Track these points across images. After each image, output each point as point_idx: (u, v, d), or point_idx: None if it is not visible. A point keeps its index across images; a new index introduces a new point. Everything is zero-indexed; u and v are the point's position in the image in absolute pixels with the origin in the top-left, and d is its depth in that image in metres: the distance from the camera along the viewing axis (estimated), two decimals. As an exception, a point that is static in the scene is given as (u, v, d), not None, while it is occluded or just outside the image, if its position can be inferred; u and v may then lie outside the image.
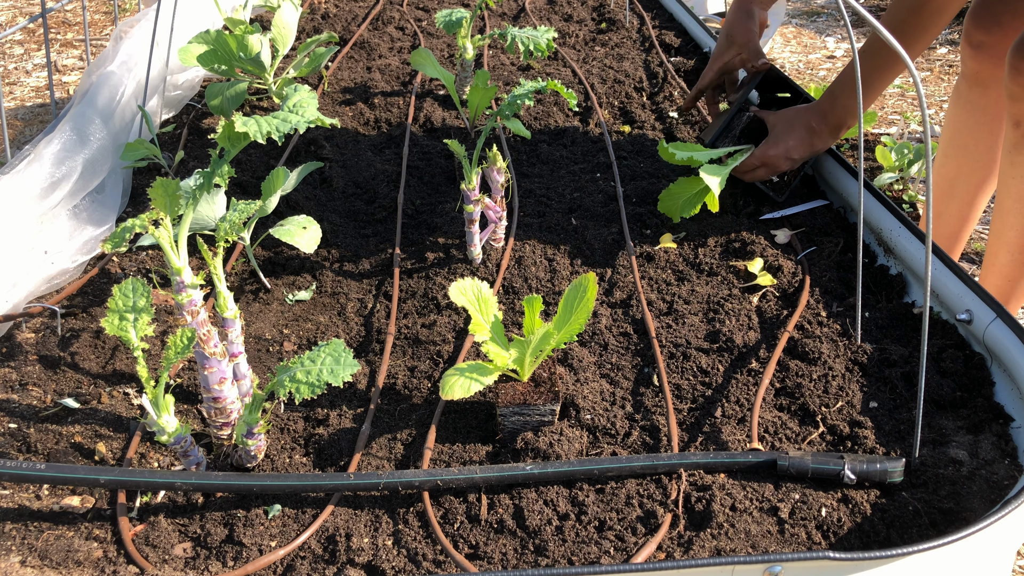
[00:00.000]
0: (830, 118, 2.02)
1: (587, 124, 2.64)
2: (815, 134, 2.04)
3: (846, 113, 2.01)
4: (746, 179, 2.12)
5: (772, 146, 2.05)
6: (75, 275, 1.94)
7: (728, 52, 2.26)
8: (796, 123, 2.06)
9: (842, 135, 2.06)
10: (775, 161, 2.05)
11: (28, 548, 1.28)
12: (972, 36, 2.16)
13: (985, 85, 2.19)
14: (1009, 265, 2.08)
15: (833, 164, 2.17)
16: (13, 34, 4.18)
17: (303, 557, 1.28)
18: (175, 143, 2.49)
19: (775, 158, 2.05)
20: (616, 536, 1.28)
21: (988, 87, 2.19)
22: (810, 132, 2.04)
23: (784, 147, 2.05)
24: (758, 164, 2.07)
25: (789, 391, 1.57)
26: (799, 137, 2.04)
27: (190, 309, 1.33)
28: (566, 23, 3.49)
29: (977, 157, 2.28)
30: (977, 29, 2.14)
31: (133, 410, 1.56)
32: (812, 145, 2.05)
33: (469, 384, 1.40)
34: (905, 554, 1.12)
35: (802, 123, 2.05)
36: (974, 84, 2.22)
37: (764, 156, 2.06)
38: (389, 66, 3.04)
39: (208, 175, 1.36)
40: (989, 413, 1.48)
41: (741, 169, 2.08)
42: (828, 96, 2.02)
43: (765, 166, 2.07)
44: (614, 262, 1.95)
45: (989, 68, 2.16)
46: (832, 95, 2.01)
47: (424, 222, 2.13)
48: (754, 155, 2.06)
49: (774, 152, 2.05)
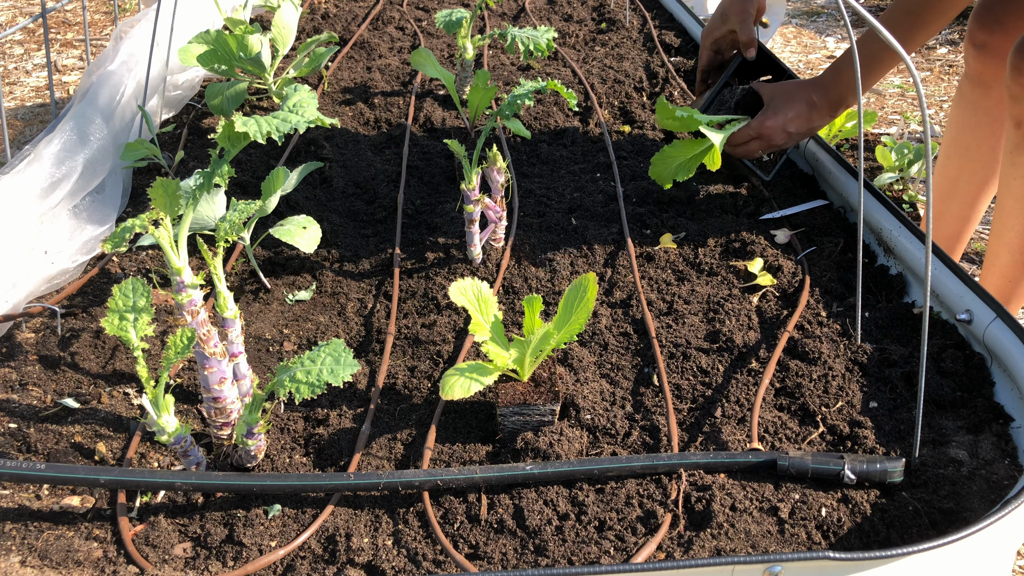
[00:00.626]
0: (831, 93, 1.98)
1: (587, 124, 2.64)
2: (814, 108, 2.00)
3: (847, 89, 1.96)
4: (738, 152, 2.07)
5: (770, 117, 2.00)
6: (75, 275, 1.94)
7: (721, 28, 2.21)
8: (796, 96, 2.01)
9: (840, 113, 2.02)
10: (771, 133, 2.00)
11: (28, 548, 1.28)
12: (975, 37, 2.16)
13: (988, 86, 2.19)
14: (1010, 265, 2.08)
15: (833, 164, 2.17)
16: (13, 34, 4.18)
17: (303, 557, 1.28)
18: (175, 143, 2.49)
19: (772, 129, 2.00)
20: (616, 536, 1.28)
21: (991, 88, 2.19)
22: (810, 106, 2.00)
23: (783, 119, 1.99)
24: (753, 135, 2.01)
25: (789, 391, 1.57)
26: (798, 110, 1.99)
27: (190, 309, 1.33)
28: (566, 23, 3.49)
29: (979, 158, 2.28)
30: (980, 30, 2.14)
31: (133, 410, 1.56)
32: (810, 120, 2.00)
33: (469, 384, 1.40)
34: (905, 554, 1.12)
35: (802, 96, 2.00)
36: (977, 85, 2.22)
37: (760, 127, 2.00)
38: (389, 66, 3.04)
39: (208, 175, 1.36)
40: (989, 413, 1.48)
41: (735, 140, 2.03)
42: (832, 70, 1.98)
43: (760, 138, 2.01)
44: (614, 262, 1.95)
45: (992, 69, 2.15)
46: (836, 70, 1.97)
47: (424, 222, 2.13)
48: (750, 126, 2.01)
49: (771, 123, 1.99)
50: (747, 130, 2.02)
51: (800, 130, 2.02)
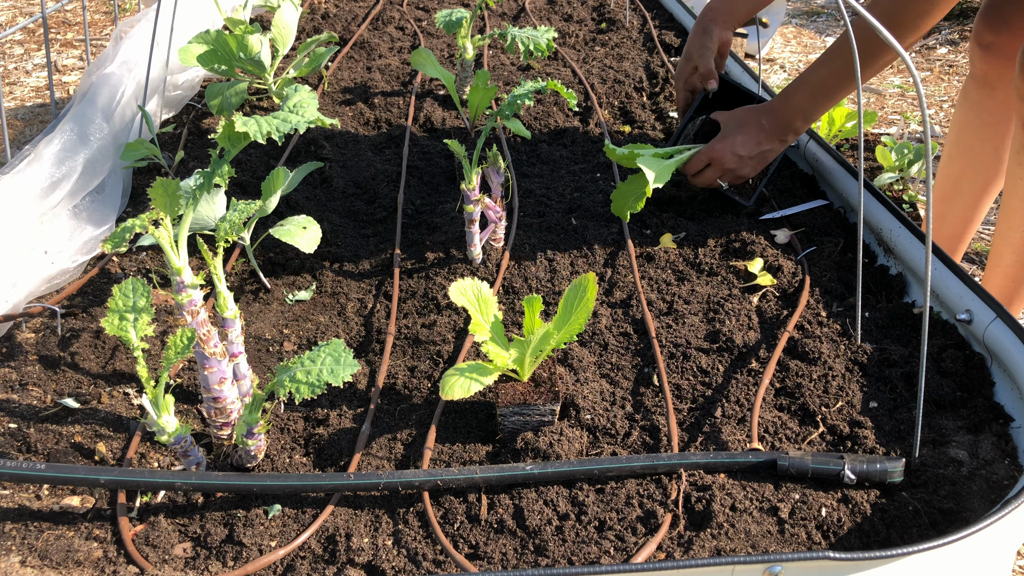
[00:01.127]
0: (779, 116, 1.97)
1: (587, 124, 2.64)
2: (763, 130, 1.99)
3: (796, 114, 1.95)
4: (697, 182, 2.06)
5: (718, 140, 2.00)
6: (75, 275, 1.94)
7: (687, 67, 2.22)
8: (746, 120, 2.01)
9: (791, 139, 2.01)
10: (721, 156, 2.00)
11: (28, 548, 1.28)
12: (982, 37, 2.15)
13: (993, 86, 2.18)
14: (1014, 266, 2.08)
15: (833, 164, 2.17)
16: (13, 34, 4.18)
17: (303, 557, 1.28)
18: (175, 143, 2.49)
19: (721, 152, 1.99)
20: (616, 536, 1.28)
21: (996, 88, 2.18)
22: (758, 128, 1.99)
23: (731, 142, 1.99)
24: (706, 161, 2.01)
25: (789, 391, 1.57)
26: (747, 133, 1.99)
27: (190, 309, 1.33)
28: (566, 23, 3.49)
29: (983, 159, 2.27)
30: (987, 30, 2.14)
31: (133, 410, 1.56)
32: (759, 143, 1.99)
33: (469, 384, 1.40)
34: (905, 554, 1.12)
35: (752, 120, 2.00)
36: (982, 85, 2.21)
37: (710, 152, 2.00)
38: (389, 66, 3.04)
39: (208, 175, 1.36)
40: (989, 413, 1.48)
41: (690, 169, 2.04)
42: (782, 96, 1.99)
43: (712, 164, 2.01)
44: (614, 262, 1.95)
45: (998, 69, 2.15)
46: (786, 95, 1.97)
47: (424, 222, 2.13)
48: (701, 152, 2.01)
49: (719, 147, 1.99)
50: (699, 156, 2.02)
51: (750, 152, 2.00)
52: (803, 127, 1.98)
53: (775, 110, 1.99)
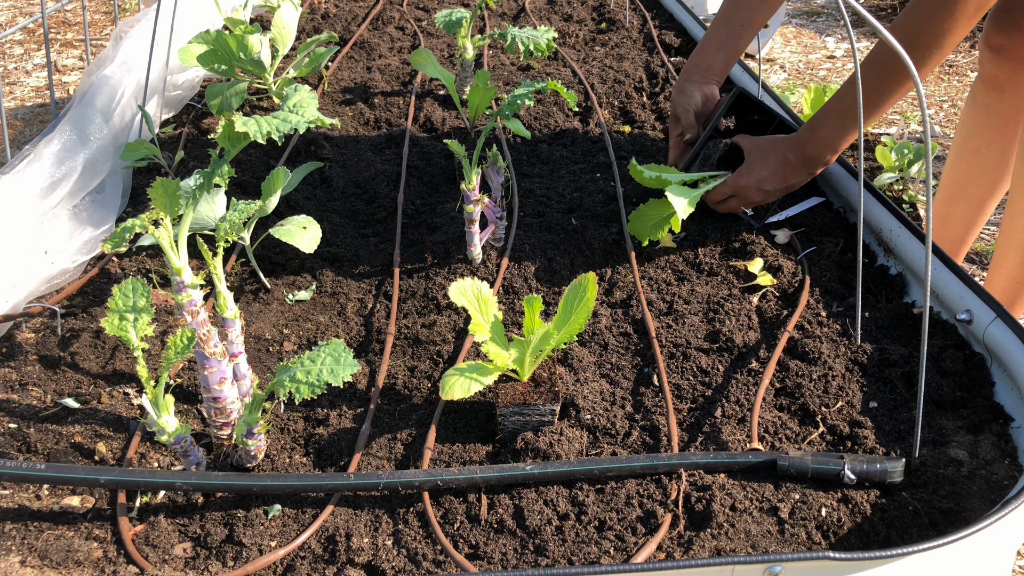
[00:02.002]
0: (806, 150, 1.93)
1: (587, 124, 2.64)
2: (788, 166, 1.95)
3: (825, 146, 1.90)
4: (719, 209, 2.04)
5: (744, 175, 1.96)
6: (75, 275, 1.94)
7: (676, 127, 2.21)
8: (771, 153, 1.96)
9: (818, 170, 1.96)
10: (746, 192, 1.97)
11: (28, 548, 1.28)
12: (992, 39, 2.15)
13: (1002, 88, 2.17)
14: (1018, 268, 2.07)
15: (833, 164, 2.17)
16: (13, 34, 4.18)
17: (303, 557, 1.28)
18: (175, 143, 2.49)
19: (746, 188, 1.96)
20: (616, 536, 1.28)
21: (1005, 91, 2.17)
22: (784, 164, 1.95)
23: (756, 177, 1.95)
24: (729, 193, 1.98)
25: (789, 391, 1.57)
26: (772, 169, 1.95)
27: (190, 309, 1.33)
28: (566, 23, 3.49)
29: (989, 160, 2.27)
30: (997, 32, 2.13)
31: (133, 410, 1.56)
32: (786, 178, 1.96)
33: (469, 384, 1.40)
34: (905, 554, 1.12)
35: (777, 155, 1.96)
36: (991, 87, 2.20)
37: (735, 185, 1.97)
38: (389, 66, 3.04)
39: (208, 175, 1.36)
40: (989, 413, 1.48)
41: (713, 198, 2.01)
42: (808, 127, 1.93)
43: (736, 196, 1.98)
44: (614, 262, 1.95)
45: (1007, 71, 2.14)
46: (812, 127, 1.92)
47: (424, 222, 2.13)
48: (726, 183, 1.98)
49: (744, 182, 1.96)
50: (723, 188, 1.99)
51: (776, 188, 1.97)
52: (832, 159, 1.93)
53: (802, 144, 1.93)
